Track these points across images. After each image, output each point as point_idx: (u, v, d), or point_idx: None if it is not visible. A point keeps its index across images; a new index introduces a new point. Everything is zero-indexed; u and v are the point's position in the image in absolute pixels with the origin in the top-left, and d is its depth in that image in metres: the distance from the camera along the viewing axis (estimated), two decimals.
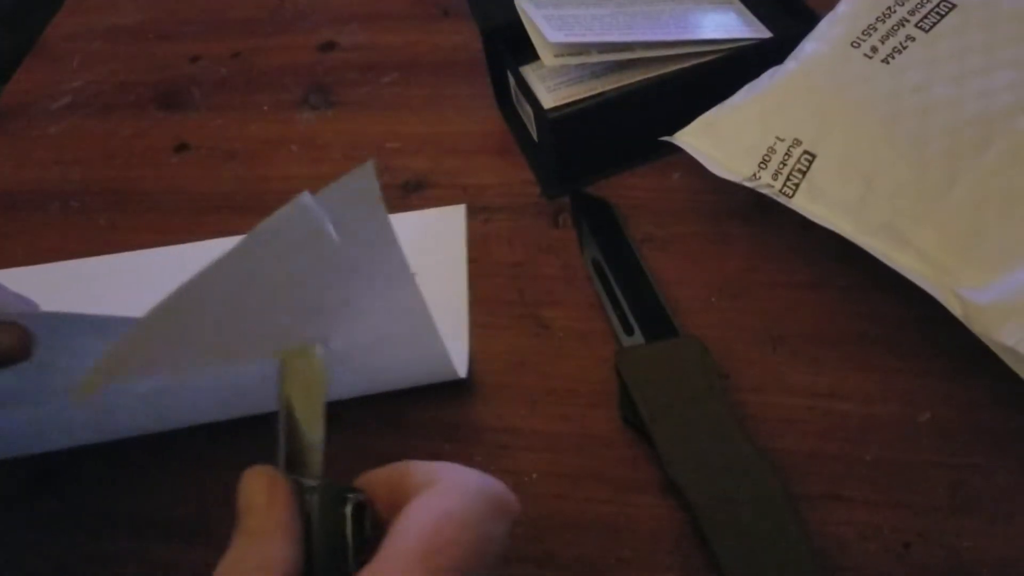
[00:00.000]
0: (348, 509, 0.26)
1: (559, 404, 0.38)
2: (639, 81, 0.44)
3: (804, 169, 0.37)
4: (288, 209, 0.26)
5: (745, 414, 0.36)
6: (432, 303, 0.34)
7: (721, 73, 0.43)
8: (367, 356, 0.33)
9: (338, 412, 0.30)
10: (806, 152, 0.38)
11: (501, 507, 0.26)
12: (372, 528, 0.26)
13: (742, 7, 0.47)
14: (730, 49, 0.44)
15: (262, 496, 0.26)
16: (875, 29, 0.38)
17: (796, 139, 0.38)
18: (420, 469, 0.27)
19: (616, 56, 0.43)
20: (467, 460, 0.35)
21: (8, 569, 0.37)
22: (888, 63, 0.38)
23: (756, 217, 0.43)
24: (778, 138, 0.38)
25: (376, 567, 0.23)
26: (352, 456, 0.30)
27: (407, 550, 0.23)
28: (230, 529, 0.37)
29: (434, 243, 0.43)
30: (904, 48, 0.38)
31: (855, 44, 0.38)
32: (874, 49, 0.38)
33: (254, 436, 0.39)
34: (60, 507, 0.38)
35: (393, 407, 0.39)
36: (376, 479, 0.27)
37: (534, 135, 0.46)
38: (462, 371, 0.38)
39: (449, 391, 0.39)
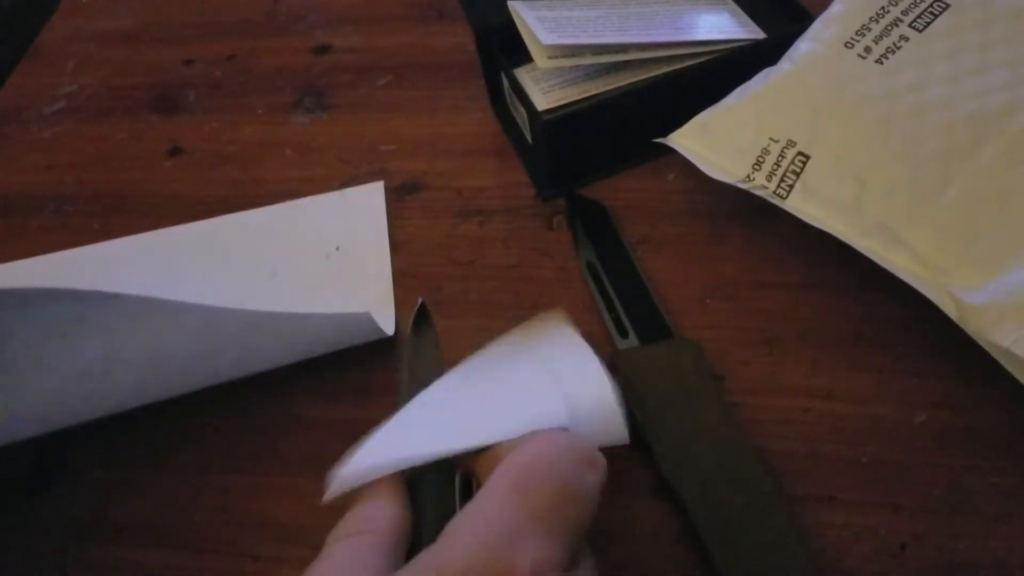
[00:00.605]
0: (457, 480, 0.29)
1: None
2: (633, 83, 0.44)
3: (798, 170, 0.37)
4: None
5: (741, 416, 0.36)
6: (359, 272, 0.43)
7: (715, 74, 0.43)
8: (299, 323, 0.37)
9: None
10: (800, 153, 0.37)
11: (590, 459, 0.27)
12: None
13: (736, 8, 0.47)
14: (724, 50, 0.44)
15: None
16: (869, 29, 0.38)
17: (790, 140, 0.38)
18: (515, 439, 0.28)
19: (610, 58, 0.43)
20: None
21: (3, 573, 0.37)
22: (882, 63, 0.37)
23: (751, 218, 0.43)
24: (772, 139, 0.38)
25: (476, 501, 0.25)
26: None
27: (502, 484, 0.25)
28: (225, 535, 0.37)
29: (358, 219, 0.47)
30: (898, 48, 0.37)
31: (849, 44, 0.38)
32: (868, 49, 0.38)
33: (252, 443, 0.39)
34: (55, 512, 0.38)
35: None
36: (483, 455, 0.29)
37: (528, 137, 0.46)
38: (389, 330, 0.41)
39: None
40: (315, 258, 0.45)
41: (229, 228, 0.47)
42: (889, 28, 0.38)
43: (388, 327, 0.41)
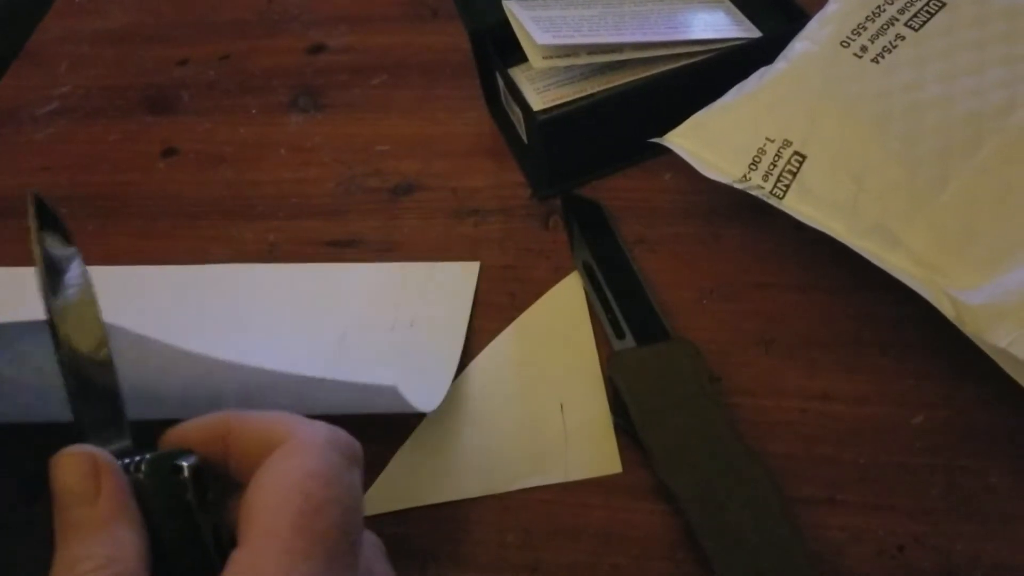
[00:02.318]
0: (187, 476, 0.23)
1: None
2: (629, 82, 0.43)
3: (794, 170, 0.37)
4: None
5: (738, 417, 0.36)
6: (429, 349, 0.39)
7: (711, 73, 0.43)
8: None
9: None
10: (796, 153, 0.37)
11: (353, 455, 0.25)
12: (215, 486, 0.24)
13: (731, 6, 0.47)
14: (720, 49, 0.44)
15: (86, 482, 0.22)
16: (865, 28, 0.38)
17: (786, 140, 0.38)
18: (254, 422, 0.25)
19: (605, 58, 0.43)
20: None
21: None
22: (878, 62, 0.37)
23: (748, 218, 0.43)
24: (768, 139, 0.38)
25: (252, 550, 0.21)
26: None
27: (281, 525, 0.21)
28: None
29: (443, 295, 0.43)
30: (894, 47, 0.37)
31: (845, 43, 0.38)
32: (864, 48, 0.38)
33: None
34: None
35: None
36: (195, 433, 0.25)
37: (524, 137, 0.46)
38: (430, 406, 0.37)
39: None
40: (388, 328, 0.42)
41: (315, 279, 0.45)
42: (885, 27, 0.38)
43: (432, 403, 0.37)
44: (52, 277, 0.26)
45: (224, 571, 0.21)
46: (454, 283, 0.43)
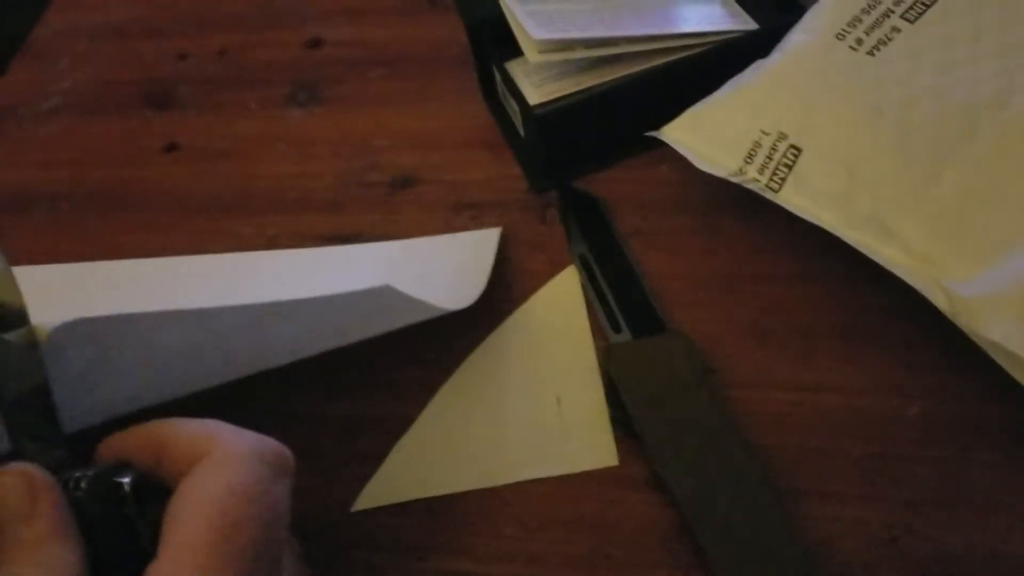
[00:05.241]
0: (127, 492, 0.23)
1: None
2: (625, 75, 0.44)
3: (790, 163, 0.37)
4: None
5: (733, 409, 0.36)
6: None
7: (707, 66, 0.43)
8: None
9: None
10: (792, 146, 0.37)
11: (281, 466, 0.24)
12: (155, 497, 0.24)
13: None
14: (716, 42, 0.44)
15: (22, 501, 0.22)
16: (860, 21, 0.38)
17: (781, 133, 0.38)
18: (185, 432, 0.24)
19: (601, 51, 0.43)
20: None
21: None
22: (873, 55, 0.37)
23: (744, 210, 0.43)
24: (763, 132, 0.38)
25: (166, 564, 0.21)
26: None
27: (196, 541, 0.21)
28: None
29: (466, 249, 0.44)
30: (889, 40, 0.37)
31: (840, 36, 0.38)
32: (859, 41, 0.38)
33: None
34: None
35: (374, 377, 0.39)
36: (130, 442, 0.25)
37: (521, 130, 0.46)
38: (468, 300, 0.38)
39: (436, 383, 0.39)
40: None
41: (334, 258, 0.45)
42: (880, 19, 0.38)
43: (467, 299, 0.38)
44: None
45: None
46: (475, 241, 0.44)
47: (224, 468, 0.23)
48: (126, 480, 0.23)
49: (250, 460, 0.23)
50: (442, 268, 0.43)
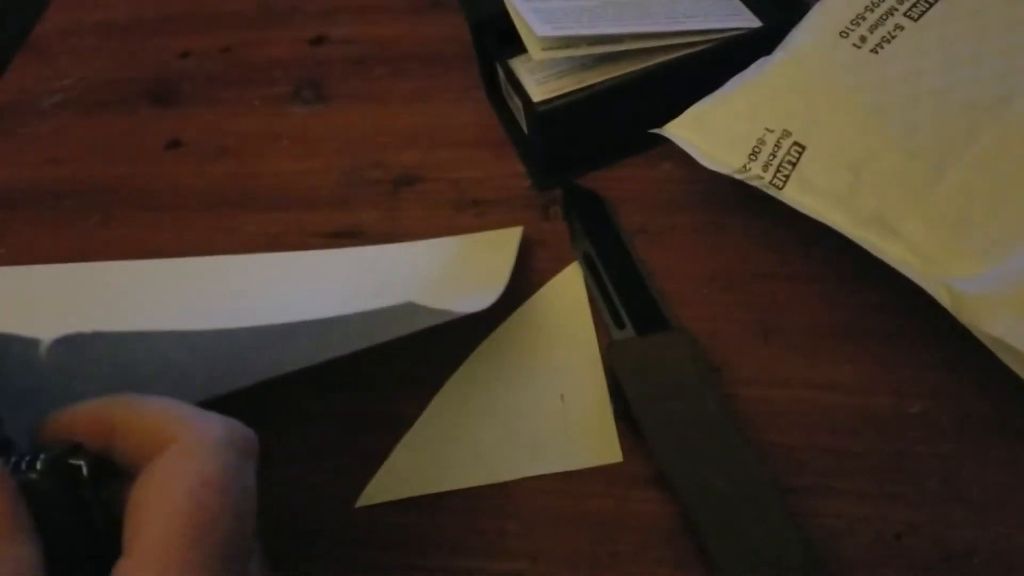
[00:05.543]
0: (85, 475, 0.22)
1: None
2: (629, 73, 0.44)
3: (794, 160, 0.37)
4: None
5: (736, 407, 0.36)
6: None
7: (711, 64, 0.43)
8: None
9: None
10: (796, 143, 0.37)
11: (248, 450, 0.23)
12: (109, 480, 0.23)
13: None
14: (719, 39, 0.44)
15: None
16: (864, 19, 0.38)
17: (785, 130, 0.38)
18: (144, 413, 0.23)
19: (605, 48, 0.43)
20: None
21: None
22: (877, 52, 0.37)
23: (748, 208, 0.43)
24: (767, 129, 0.38)
25: (140, 562, 0.20)
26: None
27: (171, 537, 0.20)
28: None
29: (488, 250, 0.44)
30: (893, 38, 0.37)
31: (844, 34, 0.38)
32: (863, 39, 0.38)
33: None
34: None
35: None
36: (79, 420, 0.24)
37: (524, 128, 0.46)
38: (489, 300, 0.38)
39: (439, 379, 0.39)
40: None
41: (355, 260, 0.45)
42: (884, 17, 0.38)
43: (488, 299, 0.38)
44: None
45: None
46: (497, 240, 0.44)
47: (194, 457, 0.22)
48: (84, 463, 0.23)
49: (220, 447, 0.22)
50: (464, 269, 0.43)
